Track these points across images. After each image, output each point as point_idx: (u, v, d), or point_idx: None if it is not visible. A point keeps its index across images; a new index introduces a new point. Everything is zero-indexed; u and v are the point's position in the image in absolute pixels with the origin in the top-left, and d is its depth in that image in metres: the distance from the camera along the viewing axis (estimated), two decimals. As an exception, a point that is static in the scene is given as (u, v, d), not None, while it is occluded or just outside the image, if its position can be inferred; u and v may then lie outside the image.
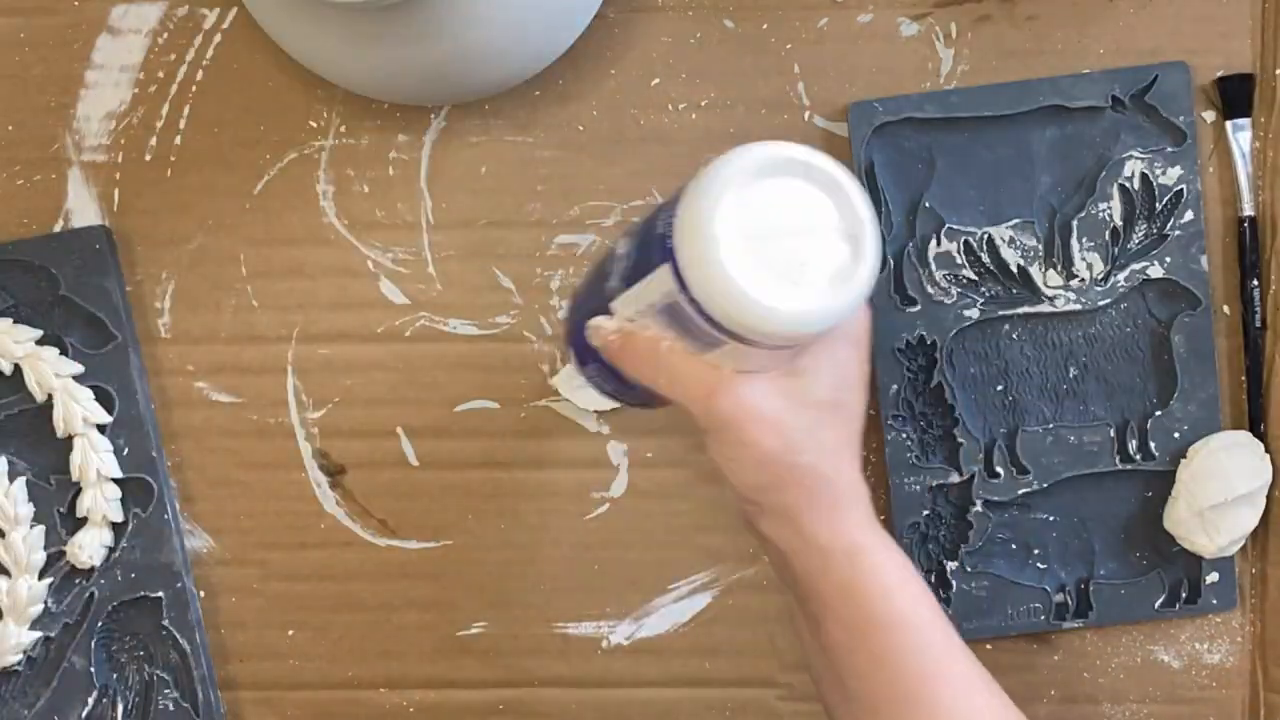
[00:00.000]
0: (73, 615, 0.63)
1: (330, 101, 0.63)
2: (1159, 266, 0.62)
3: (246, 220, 0.64)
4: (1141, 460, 0.63)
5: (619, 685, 0.65)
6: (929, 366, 0.63)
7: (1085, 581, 0.64)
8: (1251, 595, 0.64)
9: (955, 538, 0.63)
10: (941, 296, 0.63)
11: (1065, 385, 0.63)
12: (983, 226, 0.63)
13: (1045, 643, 0.65)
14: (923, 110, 0.62)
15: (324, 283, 0.64)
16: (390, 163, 0.64)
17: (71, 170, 0.64)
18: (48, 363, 0.62)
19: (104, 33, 0.63)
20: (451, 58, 0.56)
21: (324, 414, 0.64)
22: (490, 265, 0.64)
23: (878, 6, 0.63)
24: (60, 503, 0.64)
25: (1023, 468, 0.63)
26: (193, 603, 0.64)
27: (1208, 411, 0.63)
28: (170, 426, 0.65)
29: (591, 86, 0.63)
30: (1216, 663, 0.64)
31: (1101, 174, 0.62)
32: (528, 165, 0.64)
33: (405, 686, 0.65)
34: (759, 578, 0.64)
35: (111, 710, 0.64)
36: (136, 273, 0.64)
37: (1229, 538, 0.61)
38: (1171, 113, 0.62)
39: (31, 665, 0.64)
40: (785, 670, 0.65)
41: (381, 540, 0.65)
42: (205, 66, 0.63)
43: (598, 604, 0.65)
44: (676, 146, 0.63)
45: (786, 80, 0.63)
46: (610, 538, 0.65)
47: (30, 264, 0.63)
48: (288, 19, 0.57)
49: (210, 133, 0.63)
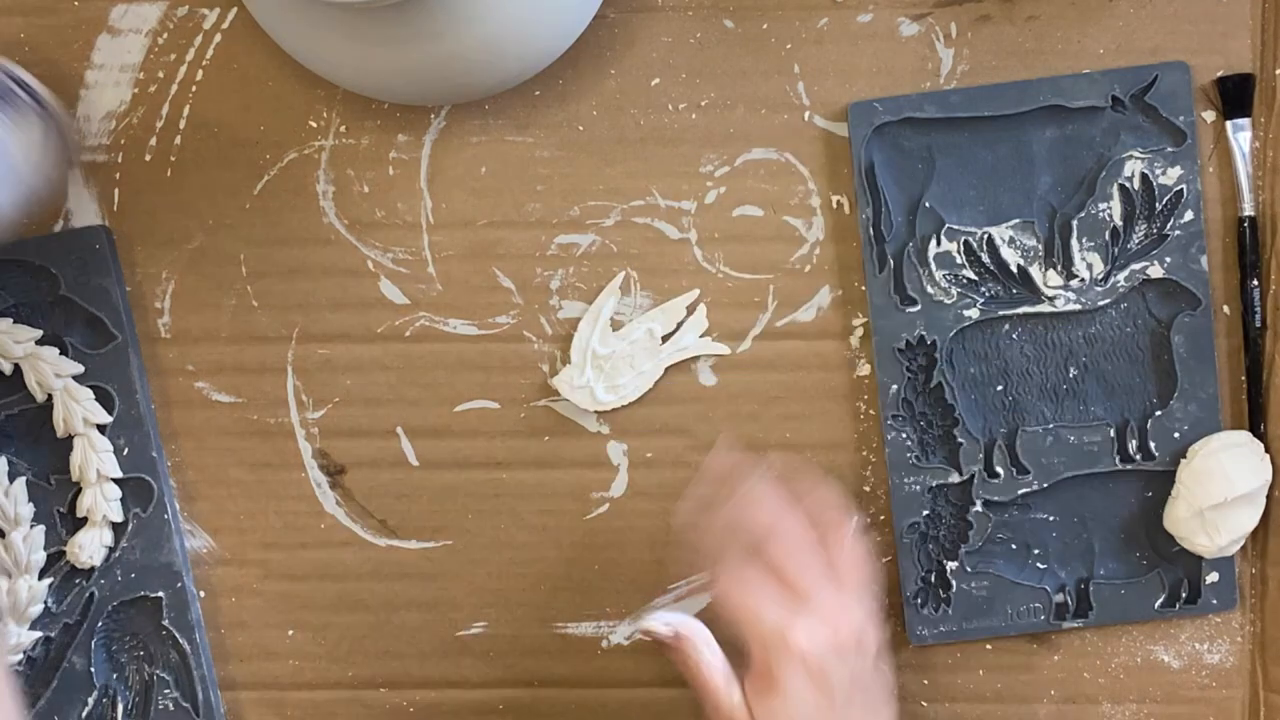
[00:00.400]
0: (73, 615, 0.63)
1: (330, 101, 0.63)
2: (1159, 266, 0.62)
3: (246, 220, 0.64)
4: (1141, 460, 0.63)
5: (619, 685, 0.65)
6: (929, 366, 0.63)
7: (1085, 581, 0.64)
8: (1251, 595, 0.64)
9: (955, 538, 0.63)
10: (941, 296, 0.63)
11: (1065, 385, 0.63)
12: (983, 226, 0.63)
13: (1045, 643, 0.65)
14: (923, 110, 0.62)
15: (324, 283, 0.64)
16: (390, 163, 0.64)
17: (71, 170, 0.64)
18: (48, 363, 0.62)
19: (104, 33, 0.63)
20: (451, 58, 0.56)
21: (324, 414, 0.64)
22: (490, 265, 0.64)
23: (878, 6, 0.63)
24: (60, 503, 0.64)
25: (1023, 468, 0.63)
26: (193, 603, 0.64)
27: (1208, 411, 0.63)
28: (170, 426, 0.65)
29: (591, 86, 0.63)
30: (1216, 663, 0.64)
31: (1101, 174, 0.62)
32: (528, 165, 0.64)
33: (405, 686, 0.65)
34: (759, 578, 0.64)
35: (111, 710, 0.64)
36: (136, 273, 0.64)
37: (1229, 538, 0.61)
38: (1171, 113, 0.62)
39: (31, 665, 0.64)
40: (785, 670, 0.65)
41: (381, 540, 0.65)
42: (205, 66, 0.63)
43: (598, 604, 0.65)
44: (676, 146, 0.63)
45: (786, 80, 0.63)
46: (610, 538, 0.65)
47: (30, 264, 0.63)
48: (288, 19, 0.57)
49: (210, 133, 0.64)
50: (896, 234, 0.63)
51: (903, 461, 0.63)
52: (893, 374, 0.63)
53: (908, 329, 0.63)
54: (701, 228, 0.63)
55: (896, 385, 0.63)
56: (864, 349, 0.64)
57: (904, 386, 0.63)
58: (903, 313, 0.63)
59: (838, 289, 0.64)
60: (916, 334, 0.63)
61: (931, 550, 0.63)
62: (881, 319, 0.62)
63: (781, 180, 0.63)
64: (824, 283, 0.64)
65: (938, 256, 0.63)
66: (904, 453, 0.63)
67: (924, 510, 0.63)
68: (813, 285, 0.64)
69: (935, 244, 0.63)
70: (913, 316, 0.63)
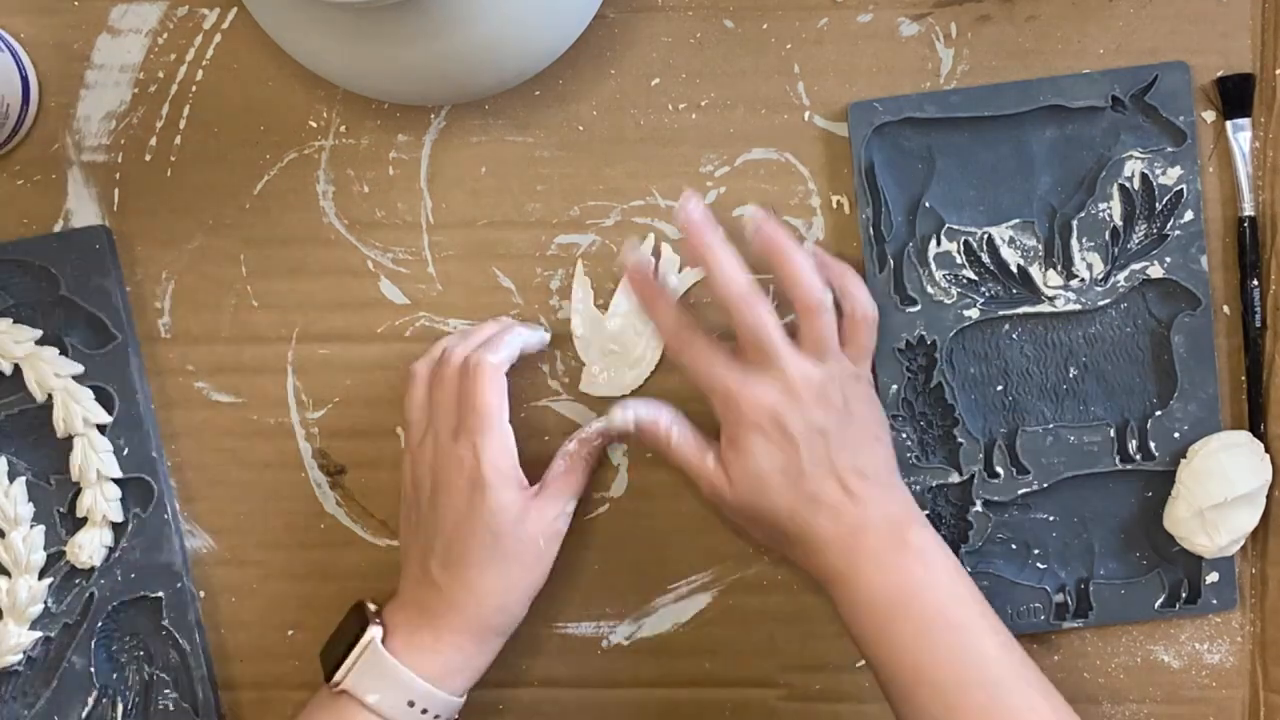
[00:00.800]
0: (73, 615, 0.63)
1: (330, 101, 0.63)
2: (1159, 266, 0.62)
3: (246, 220, 0.64)
4: (1141, 460, 0.63)
5: (619, 685, 0.65)
6: (929, 366, 0.63)
7: (1085, 581, 0.64)
8: (1251, 595, 0.64)
9: (955, 538, 0.63)
10: (941, 296, 0.63)
11: (1065, 385, 0.63)
12: (983, 226, 0.63)
13: (1045, 643, 0.65)
14: (923, 110, 0.62)
15: (324, 283, 0.64)
16: (390, 163, 0.64)
17: (71, 170, 0.64)
18: (48, 363, 0.62)
19: (104, 33, 0.63)
20: (451, 58, 0.56)
21: (324, 414, 0.64)
22: (490, 265, 0.64)
23: (878, 6, 0.63)
24: (60, 503, 0.64)
25: (1023, 468, 0.63)
26: (193, 603, 0.64)
27: (1208, 411, 0.63)
28: (170, 426, 0.65)
29: (591, 86, 0.63)
30: (1216, 663, 0.64)
31: (1101, 174, 0.62)
32: (528, 165, 0.64)
33: (405, 686, 0.65)
34: (759, 578, 0.64)
35: (111, 710, 0.64)
36: (136, 273, 0.64)
37: (1229, 538, 0.61)
38: (1171, 113, 0.62)
39: (31, 665, 0.64)
40: (785, 670, 0.65)
41: (381, 540, 0.65)
42: (205, 66, 0.63)
43: (598, 604, 0.65)
44: (676, 146, 0.63)
45: (786, 80, 0.63)
46: (610, 538, 0.65)
47: (30, 264, 0.63)
48: (288, 19, 0.57)
49: (210, 133, 0.64)
50: (896, 234, 0.63)
51: (903, 461, 0.63)
52: (893, 374, 0.63)
53: (908, 329, 0.63)
54: (701, 228, 0.63)
55: (896, 385, 0.63)
56: (864, 349, 0.64)
57: (904, 386, 0.63)
58: (903, 313, 0.63)
59: (838, 289, 0.64)
60: (916, 334, 0.63)
61: (931, 550, 0.63)
62: (882, 319, 0.62)
63: (781, 180, 0.63)
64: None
65: (938, 256, 0.63)
66: (904, 453, 0.63)
67: (924, 510, 0.63)
68: (813, 285, 0.64)
69: (935, 244, 0.63)
70: (913, 316, 0.63)
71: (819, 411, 0.57)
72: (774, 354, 0.57)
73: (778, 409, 0.57)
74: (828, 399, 0.57)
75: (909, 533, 0.57)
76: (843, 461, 0.57)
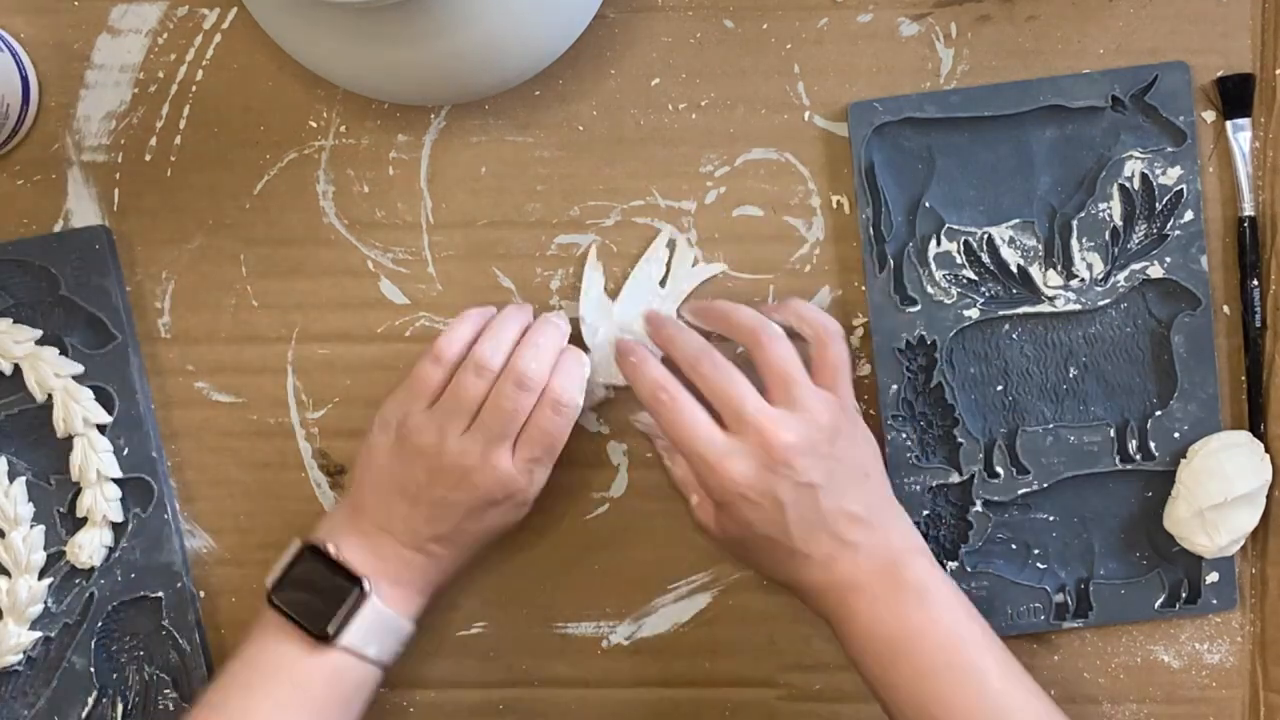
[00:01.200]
0: (73, 615, 0.63)
1: (330, 101, 0.63)
2: (1159, 266, 0.62)
3: (246, 220, 0.64)
4: (1141, 460, 0.63)
5: (619, 685, 0.65)
6: (929, 366, 0.63)
7: (1085, 581, 0.64)
8: (1251, 595, 0.64)
9: (955, 538, 0.63)
10: (941, 296, 0.63)
11: (1065, 385, 0.63)
12: (983, 226, 0.63)
13: (1045, 643, 0.65)
14: (923, 110, 0.62)
15: (324, 283, 0.64)
16: (390, 163, 0.64)
17: (71, 170, 0.64)
18: (48, 363, 0.62)
19: (104, 33, 0.63)
20: (451, 58, 0.56)
21: (324, 414, 0.64)
22: (490, 265, 0.64)
23: (878, 6, 0.63)
24: (60, 503, 0.64)
25: (1023, 468, 0.63)
26: (193, 603, 0.64)
27: (1208, 411, 0.63)
28: (170, 426, 0.65)
29: (591, 86, 0.63)
30: (1216, 663, 0.64)
31: (1101, 174, 0.62)
32: (528, 165, 0.64)
33: (405, 686, 0.65)
34: (759, 578, 0.64)
35: (111, 710, 0.64)
36: (136, 273, 0.64)
37: (1229, 538, 0.61)
38: (1171, 113, 0.62)
39: (31, 665, 0.64)
40: (785, 670, 0.65)
41: (381, 540, 0.65)
42: (205, 66, 0.63)
43: (598, 604, 0.65)
44: (676, 146, 0.63)
45: (786, 80, 0.63)
46: (610, 538, 0.65)
47: (30, 264, 0.63)
48: (288, 19, 0.57)
49: (210, 133, 0.64)
50: (896, 234, 0.63)
51: (903, 461, 0.63)
52: (893, 374, 0.63)
53: (908, 329, 0.63)
54: (701, 228, 0.63)
55: (896, 385, 0.63)
56: (864, 349, 0.64)
57: (904, 386, 0.63)
58: (903, 313, 0.63)
59: (838, 289, 0.64)
60: (916, 334, 0.63)
61: (932, 550, 0.63)
62: (881, 319, 0.62)
63: (781, 180, 0.63)
64: (824, 283, 0.64)
65: (938, 256, 0.63)
66: (904, 453, 0.63)
67: (924, 510, 0.63)
68: (813, 285, 0.64)
69: (935, 244, 0.63)
70: (913, 316, 0.63)
71: (803, 469, 0.56)
72: (748, 420, 0.56)
73: (760, 484, 0.56)
74: (812, 452, 0.56)
75: (905, 570, 0.56)
76: (833, 509, 0.56)
